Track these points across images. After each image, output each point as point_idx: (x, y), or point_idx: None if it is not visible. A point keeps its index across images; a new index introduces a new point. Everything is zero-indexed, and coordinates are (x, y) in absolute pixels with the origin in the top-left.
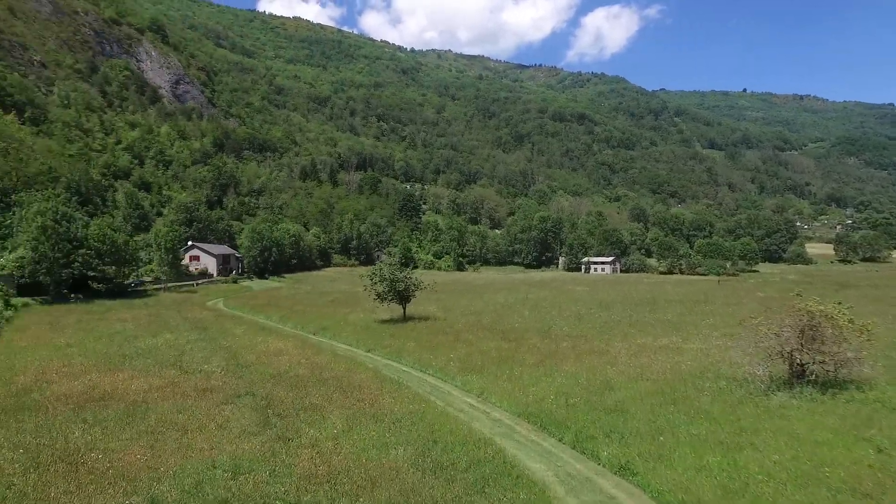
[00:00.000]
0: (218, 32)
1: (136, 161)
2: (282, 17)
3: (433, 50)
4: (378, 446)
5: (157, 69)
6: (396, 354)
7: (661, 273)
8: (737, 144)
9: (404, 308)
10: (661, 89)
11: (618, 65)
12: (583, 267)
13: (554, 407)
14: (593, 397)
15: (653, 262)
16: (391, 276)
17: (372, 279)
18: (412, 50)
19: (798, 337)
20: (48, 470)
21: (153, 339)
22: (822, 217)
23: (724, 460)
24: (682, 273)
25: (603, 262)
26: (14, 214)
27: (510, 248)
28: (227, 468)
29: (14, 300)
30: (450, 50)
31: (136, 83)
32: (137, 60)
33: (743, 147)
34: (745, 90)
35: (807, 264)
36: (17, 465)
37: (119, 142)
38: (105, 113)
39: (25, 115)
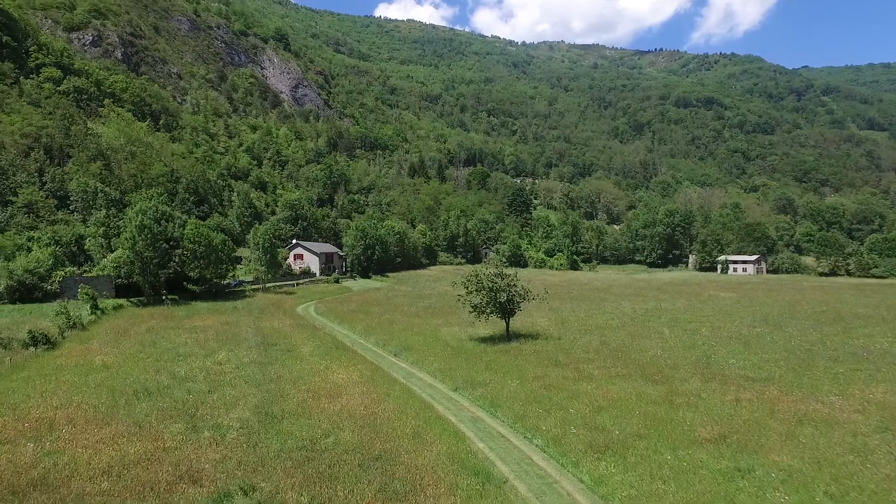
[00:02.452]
0: (337, 39)
1: (254, 162)
2: (396, 20)
3: (545, 42)
4: None
5: (278, 75)
6: (491, 402)
7: (822, 275)
8: None
9: (507, 323)
10: (803, 67)
11: (752, 43)
12: (719, 266)
13: None
14: None
15: (808, 261)
16: (491, 284)
17: (467, 287)
18: (523, 43)
19: None
20: None
21: (204, 360)
22: None
23: None
24: (849, 275)
25: (745, 262)
26: (125, 215)
27: (631, 245)
28: None
29: (106, 302)
30: (562, 41)
31: (259, 89)
32: (261, 68)
33: None
34: None
35: None
36: None
37: (241, 144)
38: (230, 118)
39: (160, 122)
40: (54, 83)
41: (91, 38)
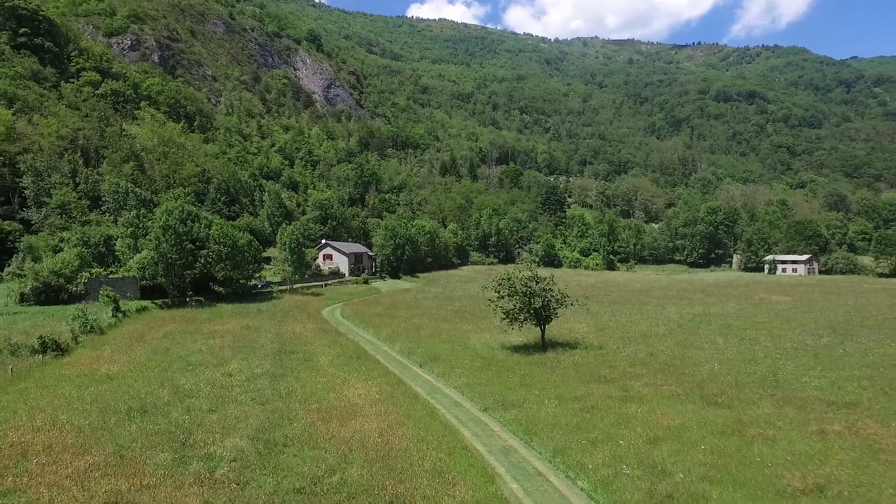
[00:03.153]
0: (369, 40)
1: (286, 162)
2: (428, 20)
3: (578, 38)
4: None
5: (310, 76)
6: (526, 428)
7: (882, 276)
8: None
9: (543, 331)
10: (852, 58)
11: (796, 34)
12: (766, 267)
13: None
14: None
15: (865, 260)
16: (525, 289)
17: (498, 291)
18: (556, 40)
19: None
20: None
21: (213, 370)
22: None
23: None
24: None
25: (795, 262)
26: (154, 215)
27: (670, 245)
28: None
29: (129, 304)
30: (596, 37)
31: (292, 89)
32: (294, 69)
33: None
34: None
35: None
36: None
37: (273, 144)
38: (263, 118)
39: (195, 124)
40: (93, 86)
41: (130, 42)
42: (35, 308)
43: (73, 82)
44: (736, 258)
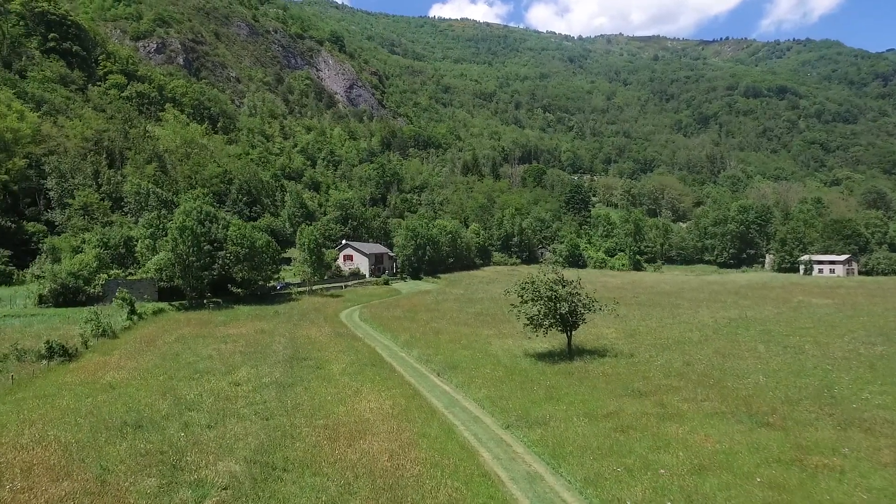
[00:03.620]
0: (392, 40)
1: (308, 162)
2: (450, 19)
3: (602, 35)
4: None
5: (333, 76)
6: (553, 451)
7: None
8: None
9: (569, 338)
10: (889, 50)
11: (828, 28)
12: (801, 267)
13: None
14: None
15: None
16: (550, 293)
17: (521, 295)
18: (579, 37)
19: None
20: None
21: (220, 379)
22: None
23: None
24: None
25: (833, 262)
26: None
27: (699, 244)
28: None
29: (146, 306)
30: (621, 34)
31: (314, 90)
32: (317, 70)
33: None
34: None
35: None
36: None
37: (295, 145)
38: (285, 119)
39: (218, 125)
40: (119, 89)
41: (155, 45)
42: (52, 310)
43: (99, 85)
44: (769, 258)
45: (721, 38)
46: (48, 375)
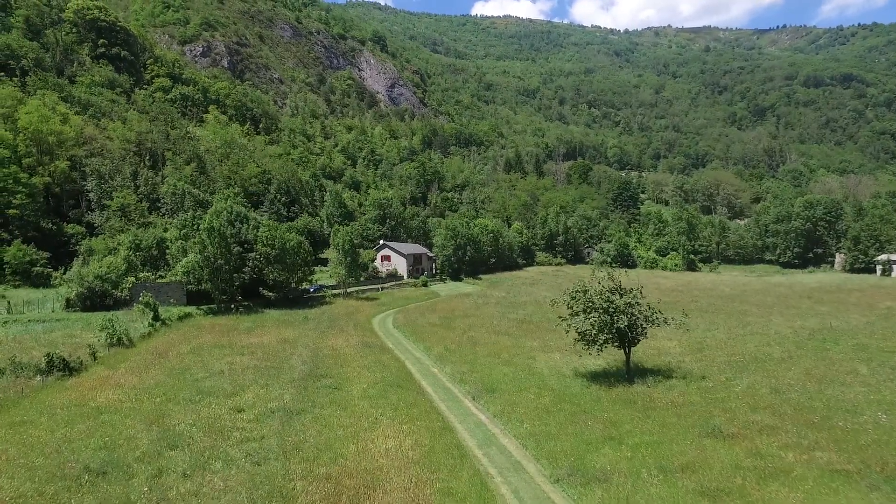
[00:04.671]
0: (434, 39)
1: (349, 162)
2: (492, 17)
3: (649, 28)
4: None
5: (374, 76)
6: None
7: None
8: None
9: (628, 355)
10: None
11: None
12: (878, 268)
13: None
14: None
15: None
16: (605, 304)
17: (571, 307)
18: (626, 31)
19: None
20: None
21: (222, 402)
22: None
23: None
24: None
25: None
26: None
27: (759, 243)
28: None
29: (172, 310)
30: (669, 25)
31: (356, 90)
32: (359, 70)
33: None
34: None
35: None
36: None
37: (336, 145)
38: (327, 119)
39: (261, 126)
40: (164, 92)
41: (201, 49)
42: (77, 315)
43: (146, 88)
44: (839, 258)
45: (777, 27)
46: (38, 394)
